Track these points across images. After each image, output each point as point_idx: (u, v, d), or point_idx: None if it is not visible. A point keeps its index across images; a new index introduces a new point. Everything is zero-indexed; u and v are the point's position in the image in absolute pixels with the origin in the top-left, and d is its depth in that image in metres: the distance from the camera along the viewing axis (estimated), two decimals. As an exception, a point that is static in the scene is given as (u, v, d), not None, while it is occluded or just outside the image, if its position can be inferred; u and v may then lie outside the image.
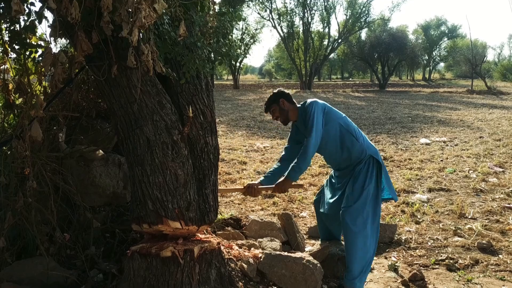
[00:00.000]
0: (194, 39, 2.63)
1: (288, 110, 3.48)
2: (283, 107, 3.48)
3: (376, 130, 11.80)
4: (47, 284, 2.81)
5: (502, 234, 4.41)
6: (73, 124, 3.60)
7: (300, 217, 5.07)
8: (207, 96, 2.87)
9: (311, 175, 6.94)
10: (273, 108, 3.52)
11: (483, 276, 3.57)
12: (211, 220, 2.86)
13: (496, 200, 5.51)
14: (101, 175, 3.54)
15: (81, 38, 2.23)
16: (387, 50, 31.69)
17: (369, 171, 3.34)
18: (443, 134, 10.97)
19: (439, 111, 16.58)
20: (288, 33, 34.32)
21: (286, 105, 3.48)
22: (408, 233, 4.50)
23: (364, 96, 25.75)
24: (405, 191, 6.00)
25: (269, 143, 10.03)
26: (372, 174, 3.33)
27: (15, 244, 3.00)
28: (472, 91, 27.10)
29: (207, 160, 2.84)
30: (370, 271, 3.66)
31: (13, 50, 2.64)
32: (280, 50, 43.55)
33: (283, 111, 3.49)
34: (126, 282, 2.68)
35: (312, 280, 3.17)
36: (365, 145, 3.39)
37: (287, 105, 3.48)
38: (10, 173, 2.90)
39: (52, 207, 2.98)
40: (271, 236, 3.88)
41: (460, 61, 38.37)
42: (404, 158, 8.12)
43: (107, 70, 2.43)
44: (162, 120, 2.60)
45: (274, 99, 3.52)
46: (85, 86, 3.60)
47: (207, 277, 2.71)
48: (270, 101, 3.54)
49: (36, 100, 2.37)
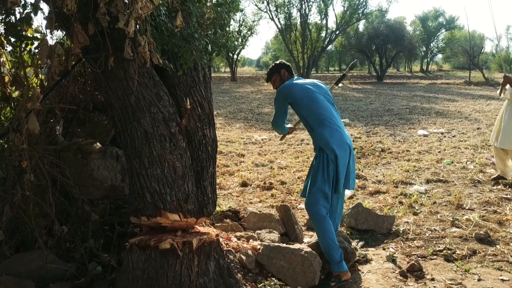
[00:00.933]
0: (191, 30, 2.62)
1: (287, 81, 3.65)
2: (284, 77, 3.68)
3: (374, 122, 11.80)
4: (46, 277, 2.81)
5: (500, 225, 4.43)
6: (70, 117, 3.59)
7: (299, 209, 5.07)
8: (204, 88, 2.86)
9: (309, 166, 6.94)
10: (274, 77, 3.74)
11: (481, 266, 3.58)
12: (209, 212, 2.86)
13: (493, 191, 5.52)
14: (98, 168, 3.54)
15: (77, 29, 2.21)
16: (384, 41, 31.59)
17: (320, 161, 3.35)
18: (440, 126, 10.98)
19: (437, 103, 16.59)
20: (286, 25, 34.15)
21: (287, 75, 3.69)
22: (406, 224, 4.51)
23: (362, 88, 25.73)
24: (403, 183, 6.01)
25: (267, 135, 10.03)
26: (321, 164, 3.35)
27: (13, 237, 3.00)
28: (469, 82, 27.12)
29: (205, 152, 2.84)
30: (368, 262, 3.68)
31: (9, 42, 2.62)
32: (278, 42, 43.35)
33: (283, 81, 3.66)
34: (125, 274, 2.69)
35: (311, 271, 3.18)
36: (318, 136, 3.39)
37: (287, 75, 3.69)
38: (7, 167, 2.89)
39: (50, 200, 2.97)
40: (270, 228, 3.89)
41: (457, 52, 38.27)
42: (402, 150, 8.13)
43: (103, 62, 2.42)
44: (160, 112, 2.59)
45: (276, 69, 3.73)
46: (82, 78, 3.57)
47: (206, 269, 2.72)
48: (272, 71, 3.76)
49: (33, 93, 2.36)
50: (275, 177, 6.41)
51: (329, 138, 3.35)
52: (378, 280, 3.38)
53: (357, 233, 4.32)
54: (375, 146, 8.48)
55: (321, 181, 3.32)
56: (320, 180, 3.32)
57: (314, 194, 3.33)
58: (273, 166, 7.06)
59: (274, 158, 7.66)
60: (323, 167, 3.33)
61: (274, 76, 3.73)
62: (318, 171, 3.34)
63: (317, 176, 3.35)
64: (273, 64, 3.79)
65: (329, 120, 3.41)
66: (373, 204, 5.16)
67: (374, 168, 6.94)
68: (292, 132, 4.17)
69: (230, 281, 2.81)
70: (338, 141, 3.36)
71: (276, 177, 6.38)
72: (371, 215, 4.40)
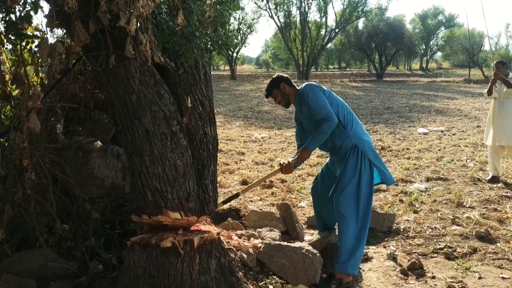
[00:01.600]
0: (192, 28, 2.61)
1: (289, 94, 3.56)
2: (284, 91, 3.56)
3: (374, 120, 11.80)
4: (47, 276, 2.81)
5: (500, 223, 4.43)
6: (71, 115, 3.58)
7: (299, 207, 5.07)
8: (205, 86, 2.86)
9: (309, 165, 6.95)
10: (274, 93, 3.59)
11: (481, 264, 3.59)
12: (210, 210, 2.86)
13: (493, 189, 5.53)
14: (99, 166, 3.53)
15: (78, 28, 2.20)
16: (384, 39, 31.59)
17: (358, 158, 3.37)
18: (440, 124, 10.98)
19: (437, 101, 16.59)
20: (285, 23, 34.09)
21: (287, 89, 3.56)
22: (406, 222, 4.52)
23: (362, 86, 25.72)
24: (403, 181, 6.01)
25: (267, 134, 10.02)
26: (360, 161, 3.37)
27: (14, 236, 3.00)
28: (469, 80, 27.11)
29: (206, 151, 2.83)
30: (369, 260, 3.68)
31: (9, 40, 2.61)
32: (277, 40, 43.28)
33: (284, 95, 3.56)
34: (126, 273, 2.69)
35: (312, 269, 3.18)
36: (351, 133, 3.41)
37: (288, 89, 3.56)
38: (8, 165, 2.89)
39: (51, 198, 2.97)
40: (270, 226, 3.89)
41: (457, 50, 38.32)
42: (402, 148, 8.13)
43: (104, 61, 2.41)
44: (161, 111, 2.59)
45: (274, 84, 3.59)
46: (83, 77, 3.57)
47: (207, 267, 2.72)
48: (271, 86, 3.61)
49: (34, 91, 2.35)
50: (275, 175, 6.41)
51: (364, 137, 3.45)
52: (379, 278, 3.38)
53: (357, 231, 4.32)
54: (375, 144, 8.48)
55: (365, 181, 3.37)
56: (364, 180, 3.36)
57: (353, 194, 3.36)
58: (273, 164, 7.06)
59: (274, 156, 7.66)
60: (363, 165, 3.37)
61: (275, 91, 3.58)
62: (356, 171, 3.36)
63: (356, 176, 3.35)
64: (271, 79, 3.64)
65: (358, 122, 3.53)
66: (373, 202, 5.15)
67: (374, 166, 6.93)
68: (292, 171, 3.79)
69: (231, 279, 2.81)
70: (370, 140, 3.48)
71: (276, 175, 6.38)
72: (372, 213, 4.39)
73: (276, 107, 15.26)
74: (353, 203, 3.32)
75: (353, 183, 3.34)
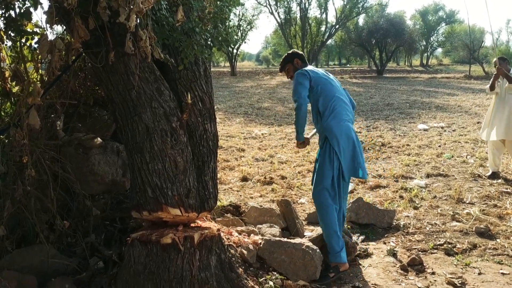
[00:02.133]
0: (192, 24, 2.60)
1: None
2: (297, 66, 3.64)
3: (374, 116, 11.79)
4: (47, 272, 2.82)
5: (500, 219, 4.44)
6: (71, 112, 3.58)
7: (299, 204, 5.08)
8: (205, 82, 2.85)
9: (309, 161, 6.95)
10: (287, 67, 3.70)
11: (481, 260, 3.59)
12: (211, 206, 2.86)
13: (493, 185, 5.53)
14: (99, 162, 3.53)
15: (77, 24, 2.20)
16: (384, 36, 31.50)
17: (326, 150, 3.40)
18: (441, 120, 10.97)
19: (437, 97, 16.57)
20: (285, 19, 34.04)
21: (300, 64, 3.65)
22: (406, 218, 4.52)
23: (362, 82, 25.68)
24: (403, 177, 6.02)
25: (267, 130, 10.02)
26: (328, 153, 3.39)
27: (15, 233, 3.00)
28: (469, 76, 27.07)
29: (206, 147, 2.83)
30: (369, 256, 3.69)
31: (9, 37, 2.61)
32: (277, 37, 43.19)
33: (297, 70, 3.59)
34: (127, 269, 2.69)
35: (312, 265, 3.19)
36: (324, 124, 3.42)
37: (301, 64, 3.65)
38: (8, 162, 2.88)
39: (51, 195, 2.97)
40: (270, 222, 3.90)
41: (458, 46, 38.21)
42: (402, 144, 8.13)
43: (104, 57, 2.40)
44: (161, 107, 2.59)
45: (289, 59, 3.70)
46: (82, 73, 3.56)
47: (207, 263, 2.73)
48: (285, 61, 3.72)
49: (34, 88, 2.34)
50: (275, 171, 6.42)
51: (335, 129, 3.39)
52: (379, 274, 3.39)
53: (357, 227, 4.33)
54: (375, 140, 8.49)
55: (328, 170, 3.36)
56: (327, 169, 3.36)
57: (320, 183, 3.39)
58: (274, 161, 7.06)
59: (274, 153, 7.66)
60: (329, 156, 3.37)
61: (288, 66, 3.69)
62: (325, 161, 3.39)
63: (323, 166, 3.39)
64: (286, 54, 3.76)
65: (340, 112, 3.46)
66: (373, 198, 5.16)
67: (374, 162, 6.94)
68: (306, 146, 3.86)
69: (232, 275, 2.82)
70: (344, 132, 3.41)
71: (277, 172, 6.39)
72: (372, 209, 4.41)
73: (277, 103, 15.26)
74: (321, 194, 3.38)
75: (319, 174, 3.42)
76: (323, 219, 3.40)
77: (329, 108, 3.44)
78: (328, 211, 3.36)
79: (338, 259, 3.32)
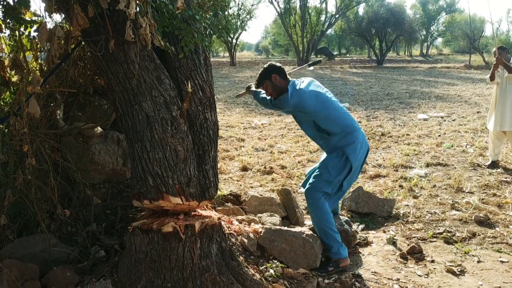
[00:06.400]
0: (192, 12, 2.58)
1: (281, 86, 3.29)
2: (275, 83, 3.29)
3: (374, 106, 11.77)
4: (49, 261, 2.83)
5: (499, 208, 4.46)
6: (71, 101, 3.57)
7: (299, 193, 5.09)
8: (205, 71, 2.84)
9: (309, 151, 6.95)
10: (265, 84, 3.33)
11: (480, 249, 3.61)
12: (211, 195, 2.87)
13: (493, 174, 5.54)
14: (100, 152, 3.53)
15: (77, 12, 2.18)
16: (384, 25, 31.37)
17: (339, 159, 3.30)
18: (440, 110, 10.96)
19: (437, 87, 16.53)
20: (285, 9, 33.78)
21: (279, 80, 3.28)
22: (406, 207, 4.54)
23: (362, 72, 25.61)
24: (403, 166, 6.03)
25: (267, 120, 10.01)
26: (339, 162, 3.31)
27: (16, 222, 3.02)
28: (469, 66, 27.00)
29: (206, 136, 2.83)
30: (369, 244, 3.71)
31: (7, 26, 2.59)
32: (277, 26, 42.97)
33: (275, 87, 3.30)
34: (128, 257, 2.71)
35: (312, 253, 3.20)
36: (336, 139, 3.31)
37: (280, 80, 3.28)
38: (8, 151, 2.88)
39: (52, 184, 2.97)
40: (271, 211, 3.91)
41: (458, 36, 38.04)
42: (402, 134, 8.13)
43: (104, 45, 2.39)
44: (161, 96, 2.58)
45: (265, 75, 3.32)
46: (82, 62, 3.54)
47: (208, 251, 2.74)
48: (261, 77, 3.35)
49: (33, 76, 2.33)
50: (275, 161, 6.42)
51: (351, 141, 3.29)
52: (378, 262, 3.41)
53: (357, 216, 4.35)
54: (375, 130, 8.48)
55: (331, 177, 3.31)
56: (331, 177, 3.31)
57: (319, 182, 3.32)
58: (273, 151, 7.06)
59: (274, 143, 7.66)
60: (340, 166, 3.30)
61: (265, 83, 3.32)
62: (334, 167, 3.31)
63: (329, 168, 3.31)
64: (262, 70, 3.35)
65: (351, 126, 3.33)
66: (373, 187, 5.18)
67: (374, 152, 6.94)
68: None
69: (232, 263, 2.83)
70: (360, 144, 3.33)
71: (276, 162, 6.39)
72: (372, 198, 4.42)
73: (276, 93, 15.18)
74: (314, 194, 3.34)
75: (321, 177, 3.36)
76: (318, 216, 3.31)
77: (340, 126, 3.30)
78: (323, 210, 3.30)
79: (338, 255, 3.27)
